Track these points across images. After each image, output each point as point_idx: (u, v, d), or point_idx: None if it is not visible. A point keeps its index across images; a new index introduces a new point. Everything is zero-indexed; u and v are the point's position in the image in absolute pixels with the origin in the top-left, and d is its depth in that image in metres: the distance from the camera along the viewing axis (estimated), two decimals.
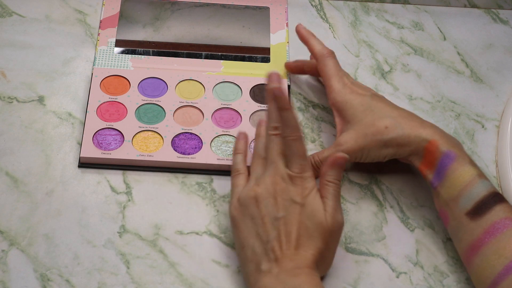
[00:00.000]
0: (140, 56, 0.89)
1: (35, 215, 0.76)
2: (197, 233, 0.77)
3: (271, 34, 0.92)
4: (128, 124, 0.82)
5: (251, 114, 0.85)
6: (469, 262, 0.72)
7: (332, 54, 0.83)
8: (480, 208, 0.72)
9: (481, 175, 0.74)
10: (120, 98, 0.84)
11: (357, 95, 0.79)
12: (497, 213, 0.72)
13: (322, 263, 0.71)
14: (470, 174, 0.74)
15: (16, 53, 0.89)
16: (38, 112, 0.84)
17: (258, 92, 0.87)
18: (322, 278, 0.74)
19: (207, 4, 0.95)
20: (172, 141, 0.82)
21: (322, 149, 0.84)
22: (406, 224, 0.79)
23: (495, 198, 0.73)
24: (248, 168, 0.77)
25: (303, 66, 0.88)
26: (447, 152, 0.75)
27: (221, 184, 0.80)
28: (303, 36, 0.86)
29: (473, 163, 0.75)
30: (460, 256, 0.75)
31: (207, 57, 0.90)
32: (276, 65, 0.90)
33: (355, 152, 0.77)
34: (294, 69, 0.89)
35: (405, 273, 0.76)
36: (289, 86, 0.88)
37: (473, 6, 0.99)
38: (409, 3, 0.99)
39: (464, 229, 0.73)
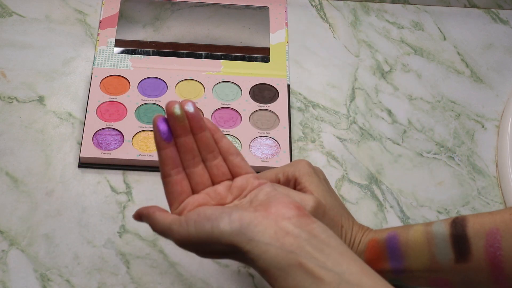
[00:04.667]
0: (140, 56, 0.89)
1: (35, 215, 0.76)
2: None
3: (270, 34, 0.92)
4: (128, 124, 0.82)
5: (251, 114, 0.85)
6: None
7: None
8: (462, 245, 0.65)
9: (424, 223, 0.68)
10: (120, 98, 0.84)
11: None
12: (476, 234, 0.64)
13: None
14: (420, 230, 0.67)
15: (16, 53, 0.89)
16: (38, 112, 0.84)
17: (257, 92, 0.87)
18: None
19: (207, 4, 0.95)
20: None
21: (321, 148, 0.84)
22: (406, 224, 0.79)
23: (457, 225, 0.65)
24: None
25: None
26: (387, 236, 0.68)
27: None
28: None
29: (407, 224, 0.71)
30: None
31: (207, 57, 0.90)
32: (276, 64, 0.89)
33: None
34: None
35: None
36: (288, 86, 0.88)
37: (473, 6, 0.99)
38: (409, 3, 0.99)
39: (472, 274, 0.65)
